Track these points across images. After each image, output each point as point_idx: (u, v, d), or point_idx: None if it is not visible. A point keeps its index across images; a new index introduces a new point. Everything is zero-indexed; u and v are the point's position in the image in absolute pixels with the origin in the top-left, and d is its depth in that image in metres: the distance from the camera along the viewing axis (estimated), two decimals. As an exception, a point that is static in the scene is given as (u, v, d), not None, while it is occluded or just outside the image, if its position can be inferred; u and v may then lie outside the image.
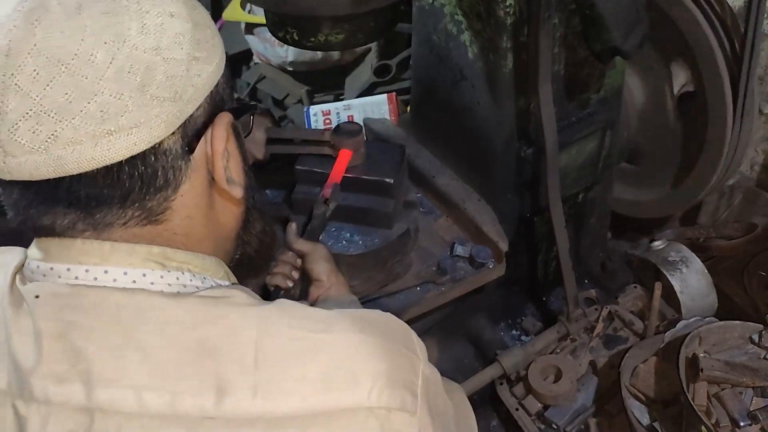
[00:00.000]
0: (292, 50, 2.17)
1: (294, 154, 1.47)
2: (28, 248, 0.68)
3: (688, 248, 1.72)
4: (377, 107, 2.01)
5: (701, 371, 1.31)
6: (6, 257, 0.68)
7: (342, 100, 2.12)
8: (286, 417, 0.59)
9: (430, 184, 1.66)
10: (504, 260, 1.52)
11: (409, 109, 1.89)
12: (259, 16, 2.15)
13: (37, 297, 0.61)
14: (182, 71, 0.62)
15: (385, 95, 2.04)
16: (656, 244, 1.76)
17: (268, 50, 2.25)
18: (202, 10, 0.67)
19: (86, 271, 0.63)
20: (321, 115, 2.02)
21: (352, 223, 1.45)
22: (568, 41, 1.39)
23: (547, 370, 1.53)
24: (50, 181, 0.59)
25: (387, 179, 1.41)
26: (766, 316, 1.42)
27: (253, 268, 0.90)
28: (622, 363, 1.45)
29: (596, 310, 1.65)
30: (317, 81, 2.30)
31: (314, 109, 2.03)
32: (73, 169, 0.58)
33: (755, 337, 1.40)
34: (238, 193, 0.72)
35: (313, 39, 1.28)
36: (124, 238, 0.64)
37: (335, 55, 2.21)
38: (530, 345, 1.56)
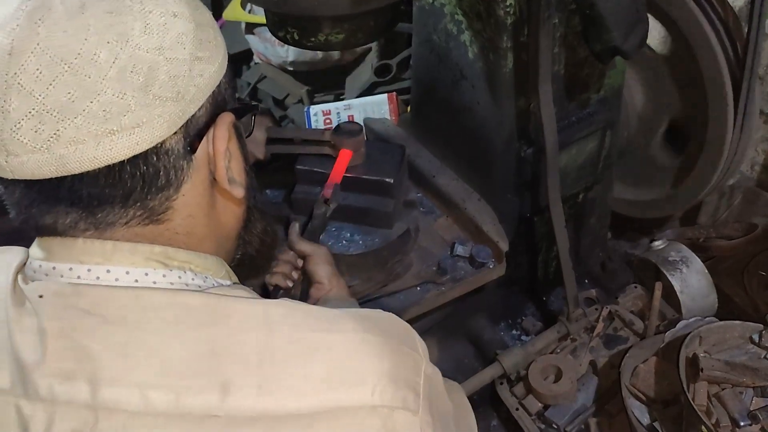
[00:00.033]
0: (292, 50, 2.17)
1: (294, 154, 1.47)
2: (28, 247, 0.68)
3: (689, 248, 1.72)
4: (377, 107, 2.01)
5: (701, 371, 1.32)
6: (7, 256, 0.68)
7: (342, 99, 2.12)
8: (290, 415, 0.59)
9: (430, 184, 1.66)
10: (504, 260, 1.52)
11: (409, 109, 1.89)
12: (260, 15, 2.15)
13: (41, 297, 0.61)
14: (185, 71, 0.62)
15: (386, 95, 2.03)
16: (656, 244, 1.76)
17: (268, 50, 2.25)
18: (204, 10, 0.67)
19: (88, 270, 0.63)
20: (321, 114, 2.02)
21: (353, 222, 1.45)
22: (568, 41, 1.39)
23: (547, 370, 1.53)
24: (52, 180, 0.59)
25: (387, 179, 1.41)
26: (766, 316, 1.43)
27: (254, 267, 0.90)
28: (623, 363, 1.45)
29: (596, 309, 1.65)
30: (317, 81, 2.29)
31: (314, 109, 2.03)
32: (75, 169, 0.59)
33: (755, 337, 1.40)
34: (239, 193, 0.72)
35: (313, 39, 1.28)
36: (126, 237, 0.64)
37: (335, 54, 2.21)
38: (530, 345, 1.57)
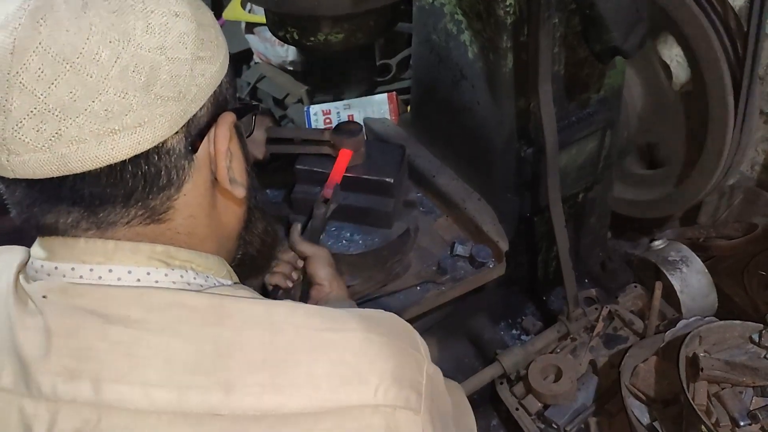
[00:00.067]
0: (292, 50, 2.17)
1: (294, 154, 1.47)
2: (29, 246, 0.68)
3: (689, 248, 1.72)
4: (377, 107, 2.01)
5: (701, 371, 1.32)
6: (8, 256, 0.68)
7: (342, 99, 2.12)
8: (293, 414, 0.59)
9: (430, 184, 1.66)
10: (504, 260, 1.52)
11: (409, 108, 1.89)
12: (260, 15, 2.15)
13: (45, 297, 0.61)
14: (186, 71, 0.62)
15: (386, 95, 2.03)
16: (656, 243, 1.77)
17: (268, 50, 2.24)
18: (206, 10, 0.67)
19: (90, 270, 0.63)
20: (321, 114, 2.01)
21: (353, 222, 1.45)
22: (568, 41, 1.39)
23: (547, 370, 1.53)
24: (54, 179, 0.59)
25: (387, 179, 1.41)
26: (766, 315, 1.43)
27: (255, 267, 0.90)
28: (622, 362, 1.46)
29: (596, 309, 1.65)
30: (317, 80, 2.29)
31: (314, 109, 2.03)
32: (76, 168, 0.59)
33: (755, 337, 1.40)
34: (240, 193, 0.72)
35: (312, 38, 1.28)
36: (128, 236, 0.64)
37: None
38: (530, 344, 1.57)
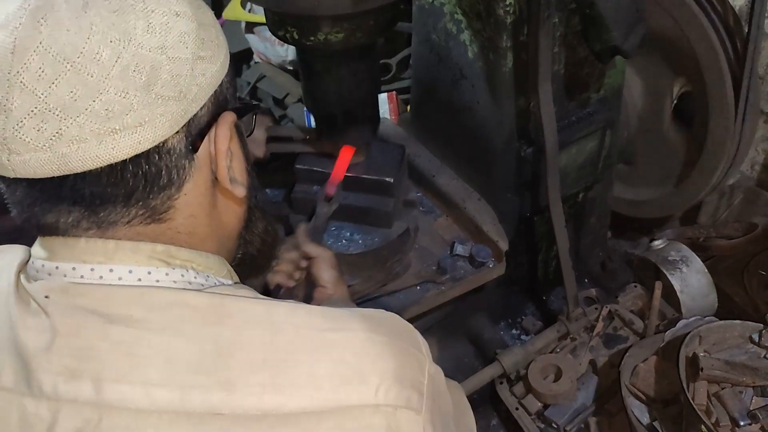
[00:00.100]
0: (292, 49, 2.17)
1: (294, 153, 1.47)
2: (30, 246, 0.68)
3: (689, 248, 1.72)
4: (377, 106, 2.01)
5: (701, 370, 1.32)
6: (8, 256, 0.68)
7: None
8: (294, 413, 0.59)
9: (430, 184, 1.66)
10: (504, 259, 1.52)
11: (409, 108, 1.89)
12: (260, 15, 2.15)
13: (47, 297, 0.61)
14: (187, 70, 0.62)
15: (386, 94, 2.04)
16: (656, 243, 1.77)
17: (268, 49, 2.25)
18: (207, 10, 0.67)
19: (91, 270, 0.63)
20: (321, 114, 2.01)
21: (353, 222, 1.45)
22: (568, 41, 1.39)
23: (547, 370, 1.53)
24: (54, 179, 0.59)
25: (387, 178, 1.41)
26: (766, 315, 1.43)
27: (255, 267, 0.89)
28: (622, 362, 1.46)
29: (596, 309, 1.65)
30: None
31: (314, 108, 2.02)
32: (77, 167, 0.58)
33: (755, 337, 1.41)
34: (240, 192, 0.72)
35: (312, 38, 1.28)
36: (128, 236, 0.64)
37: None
38: (530, 344, 1.57)
